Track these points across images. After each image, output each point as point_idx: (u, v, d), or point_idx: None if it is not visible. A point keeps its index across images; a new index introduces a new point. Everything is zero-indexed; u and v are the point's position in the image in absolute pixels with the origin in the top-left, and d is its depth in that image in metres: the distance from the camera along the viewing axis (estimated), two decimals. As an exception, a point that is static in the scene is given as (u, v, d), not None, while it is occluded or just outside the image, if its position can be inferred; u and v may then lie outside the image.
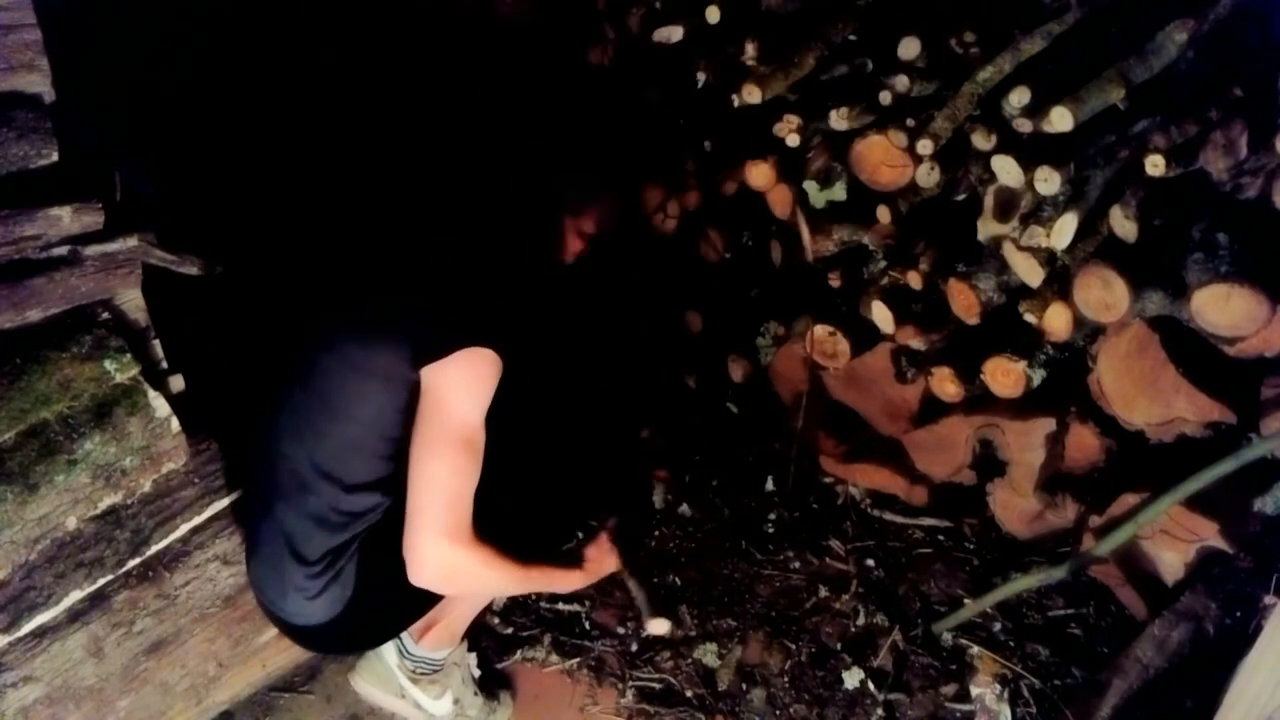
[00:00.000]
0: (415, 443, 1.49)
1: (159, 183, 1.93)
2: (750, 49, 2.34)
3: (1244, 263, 1.72)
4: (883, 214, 2.26)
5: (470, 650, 2.06)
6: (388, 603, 1.68)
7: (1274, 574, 1.64)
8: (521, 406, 1.63)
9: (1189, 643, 1.81)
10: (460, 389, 1.49)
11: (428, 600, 1.72)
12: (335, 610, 1.62)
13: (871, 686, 2.07)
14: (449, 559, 1.49)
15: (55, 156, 1.42)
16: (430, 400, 1.49)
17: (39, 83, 1.39)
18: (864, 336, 2.39)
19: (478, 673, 2.03)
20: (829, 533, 2.51)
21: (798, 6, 2.37)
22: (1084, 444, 2.15)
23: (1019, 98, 1.89)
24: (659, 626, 2.06)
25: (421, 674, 1.91)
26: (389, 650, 1.92)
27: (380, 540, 1.59)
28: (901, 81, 2.08)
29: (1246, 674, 1.50)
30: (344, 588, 1.61)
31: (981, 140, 1.97)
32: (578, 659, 2.16)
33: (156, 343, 1.68)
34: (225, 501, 1.80)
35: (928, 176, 2.11)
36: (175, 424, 1.65)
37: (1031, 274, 1.99)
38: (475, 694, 1.99)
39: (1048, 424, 2.16)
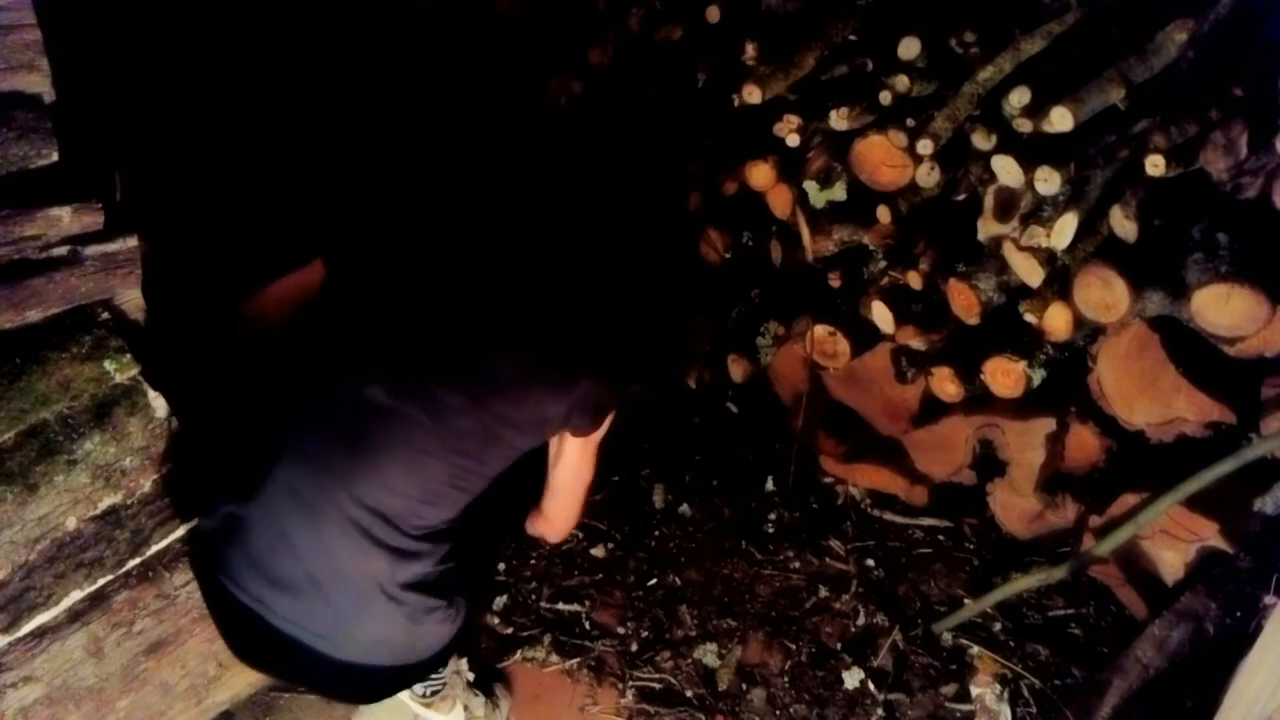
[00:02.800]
0: (566, 450, 1.71)
1: (159, 182, 1.94)
2: (750, 49, 2.35)
3: (1244, 263, 1.72)
4: (883, 214, 2.26)
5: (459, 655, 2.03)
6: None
7: (1274, 574, 1.64)
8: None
9: (1189, 643, 1.81)
10: (600, 435, 1.71)
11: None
12: (442, 641, 1.58)
13: (871, 686, 2.07)
14: (574, 519, 1.86)
15: (55, 156, 1.42)
16: (573, 442, 1.70)
17: (39, 83, 1.39)
18: (864, 336, 2.39)
19: (472, 675, 2.02)
20: (829, 533, 2.51)
21: (798, 6, 2.37)
22: (1084, 444, 2.15)
23: (1019, 98, 1.89)
24: None
25: (434, 693, 1.89)
26: None
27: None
28: (901, 81, 2.08)
29: (1246, 674, 1.50)
30: (458, 617, 1.59)
31: (981, 140, 1.97)
32: (578, 659, 2.16)
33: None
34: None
35: (928, 176, 2.11)
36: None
37: (1031, 274, 1.99)
38: (476, 694, 1.99)
39: (1048, 424, 2.16)
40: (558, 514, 1.81)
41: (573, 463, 1.72)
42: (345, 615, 1.49)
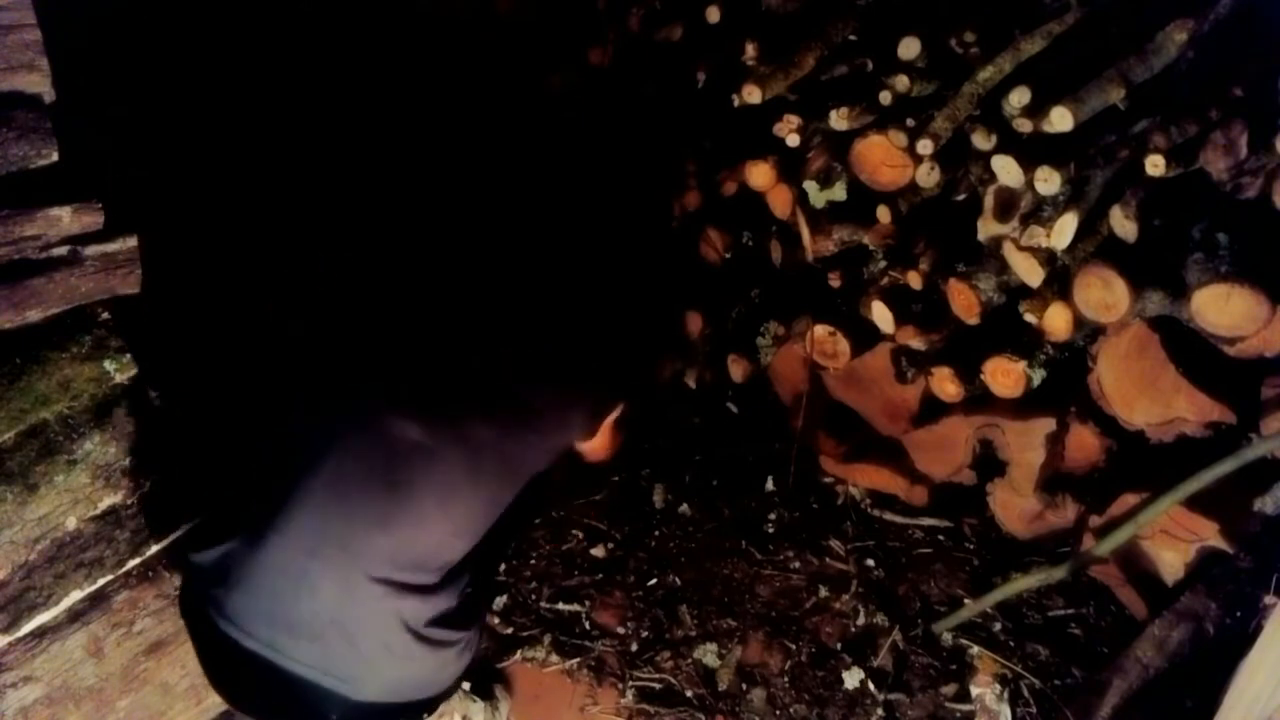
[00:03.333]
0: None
1: (158, 181, 1.93)
2: (750, 49, 2.34)
3: (1244, 263, 1.72)
4: (883, 214, 2.26)
5: None
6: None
7: (1274, 574, 1.64)
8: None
9: (1189, 643, 1.81)
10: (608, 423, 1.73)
11: None
12: (462, 670, 1.57)
13: (871, 686, 2.07)
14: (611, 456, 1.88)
15: (55, 156, 1.42)
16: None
17: (39, 83, 1.38)
18: (864, 336, 2.39)
19: (468, 685, 2.00)
20: (829, 533, 2.51)
21: (798, 7, 2.37)
22: (1084, 444, 2.15)
23: (1019, 98, 1.89)
24: None
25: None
26: None
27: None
28: (901, 81, 2.08)
29: (1246, 674, 1.50)
30: (476, 644, 1.59)
31: (981, 140, 1.97)
32: (578, 659, 2.16)
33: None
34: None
35: (928, 176, 2.11)
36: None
37: (1031, 274, 1.99)
38: (474, 700, 1.98)
39: (1048, 424, 2.16)
40: (595, 459, 1.88)
41: (589, 452, 1.77)
42: (372, 657, 1.44)
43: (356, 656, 1.43)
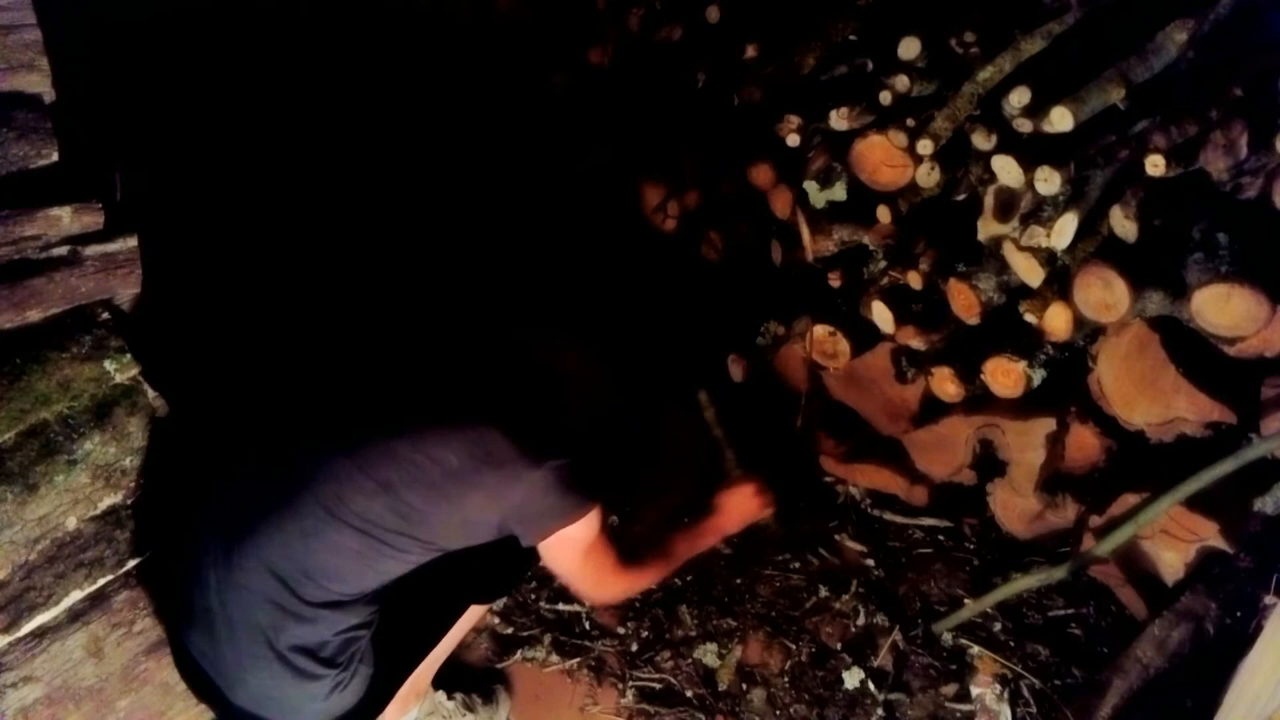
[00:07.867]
0: (542, 552, 1.58)
1: (159, 182, 1.93)
2: (750, 49, 2.35)
3: (1244, 263, 1.72)
4: (883, 214, 2.26)
5: (438, 688, 1.97)
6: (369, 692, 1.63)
7: (1274, 574, 1.64)
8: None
9: (1189, 643, 1.81)
10: (576, 537, 1.56)
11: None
12: (334, 710, 1.57)
13: (871, 686, 2.07)
14: (613, 597, 1.85)
15: (55, 156, 1.42)
16: (549, 547, 1.57)
17: (39, 83, 1.39)
18: (864, 336, 2.39)
19: (451, 704, 1.96)
20: (829, 533, 2.51)
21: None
22: (1084, 444, 2.15)
23: (1019, 98, 1.89)
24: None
25: None
26: None
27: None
28: (901, 81, 2.08)
29: (1246, 674, 1.50)
30: (349, 687, 1.58)
31: (981, 140, 1.97)
32: (578, 659, 2.16)
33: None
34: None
35: (928, 176, 2.12)
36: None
37: (1031, 274, 1.99)
38: (464, 715, 1.97)
39: (1048, 424, 2.16)
40: (584, 598, 1.80)
41: (556, 565, 1.63)
42: (239, 661, 1.50)
43: (231, 656, 1.50)
